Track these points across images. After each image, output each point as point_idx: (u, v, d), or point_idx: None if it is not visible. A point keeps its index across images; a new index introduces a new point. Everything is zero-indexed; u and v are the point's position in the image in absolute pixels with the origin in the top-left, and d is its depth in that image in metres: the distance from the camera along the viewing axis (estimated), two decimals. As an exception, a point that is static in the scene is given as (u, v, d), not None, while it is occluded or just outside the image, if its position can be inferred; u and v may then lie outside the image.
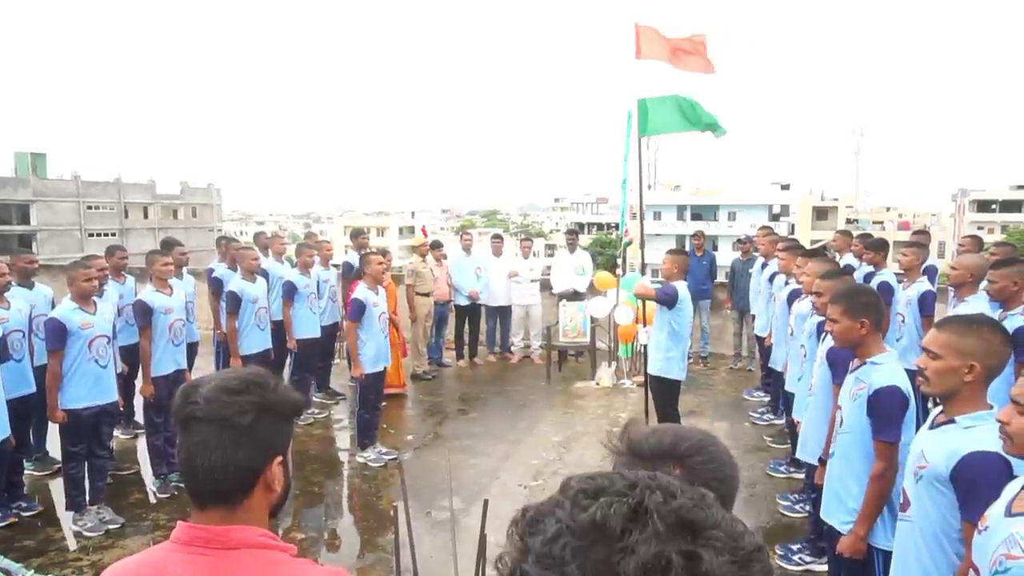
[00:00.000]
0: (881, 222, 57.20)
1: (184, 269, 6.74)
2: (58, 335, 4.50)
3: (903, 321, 5.40)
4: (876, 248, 6.23)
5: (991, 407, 2.17)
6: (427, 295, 8.41)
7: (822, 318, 3.96)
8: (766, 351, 6.69)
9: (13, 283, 5.03)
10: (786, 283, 5.76)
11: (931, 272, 5.95)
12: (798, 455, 4.07)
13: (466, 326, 9.12)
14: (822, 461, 3.52)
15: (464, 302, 8.91)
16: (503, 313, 9.21)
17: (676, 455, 1.07)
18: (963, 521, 2.05)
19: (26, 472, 5.25)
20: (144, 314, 5.15)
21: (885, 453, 2.72)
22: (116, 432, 5.74)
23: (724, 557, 0.55)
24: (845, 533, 2.88)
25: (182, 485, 4.94)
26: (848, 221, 52.33)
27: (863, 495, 2.82)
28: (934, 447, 2.17)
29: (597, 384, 8.04)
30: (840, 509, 2.92)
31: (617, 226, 9.20)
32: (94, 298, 4.73)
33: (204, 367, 6.61)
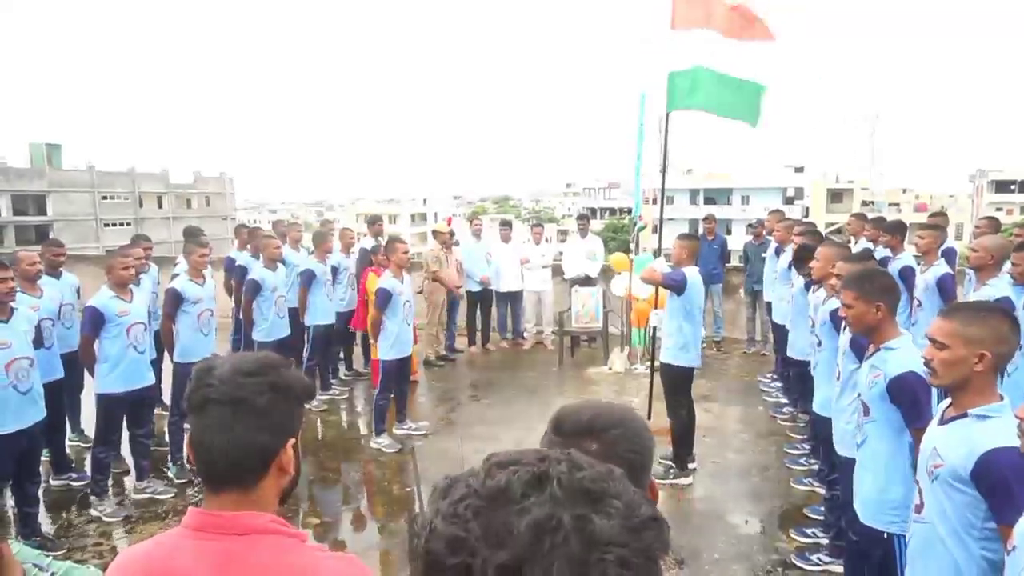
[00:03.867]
0: (897, 204, 56.38)
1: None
2: (95, 323, 4.61)
3: (919, 306, 5.26)
4: (893, 231, 6.09)
5: (1002, 398, 2.09)
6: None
7: (836, 306, 3.88)
8: (781, 338, 6.61)
9: (43, 273, 5.13)
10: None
11: (950, 254, 5.82)
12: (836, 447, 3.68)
13: (478, 312, 9.13)
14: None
15: (475, 288, 8.92)
16: (513, 299, 9.21)
17: (593, 430, 1.12)
18: (1000, 526, 1.92)
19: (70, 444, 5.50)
20: (174, 301, 5.24)
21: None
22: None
23: (616, 521, 0.59)
24: (873, 527, 2.81)
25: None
26: (864, 203, 51.65)
27: (888, 484, 2.77)
28: (948, 444, 2.07)
29: (609, 369, 8.03)
30: (869, 502, 2.86)
31: (630, 211, 9.08)
32: (131, 287, 4.81)
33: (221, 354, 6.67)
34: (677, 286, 5.14)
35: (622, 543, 0.58)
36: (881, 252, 6.15)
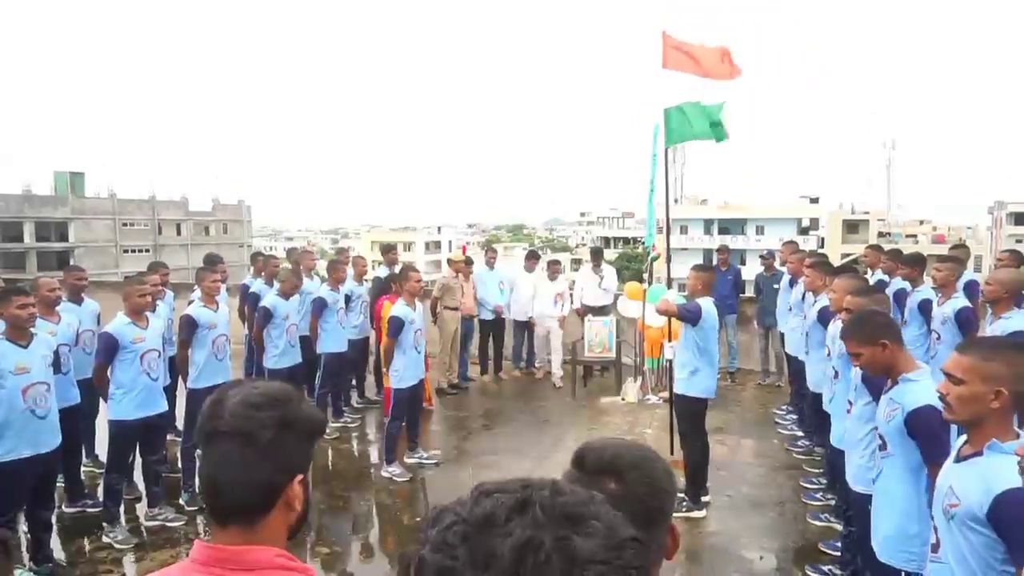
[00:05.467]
0: (915, 236, 56.01)
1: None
2: (109, 349, 4.65)
3: (938, 339, 5.15)
4: (912, 263, 6.02)
5: (1019, 435, 2.05)
6: (455, 309, 8.44)
7: None
8: (796, 370, 6.55)
9: (64, 298, 5.20)
10: (815, 301, 5.62)
11: (973, 287, 5.72)
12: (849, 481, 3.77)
13: (490, 341, 9.12)
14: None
15: (489, 316, 8.92)
16: (530, 328, 9.19)
17: (614, 470, 1.12)
18: (1018, 568, 1.88)
19: (84, 470, 5.51)
20: (189, 328, 5.29)
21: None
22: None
23: (597, 541, 0.61)
24: (891, 564, 2.76)
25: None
26: (880, 235, 51.37)
27: (906, 521, 2.72)
28: (964, 483, 2.04)
29: (623, 399, 7.98)
30: (887, 539, 2.81)
31: (643, 240, 9.08)
32: (146, 313, 4.88)
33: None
34: (692, 317, 5.12)
35: (603, 560, 0.60)
36: (899, 284, 6.11)
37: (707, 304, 5.19)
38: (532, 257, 9.50)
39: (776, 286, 7.80)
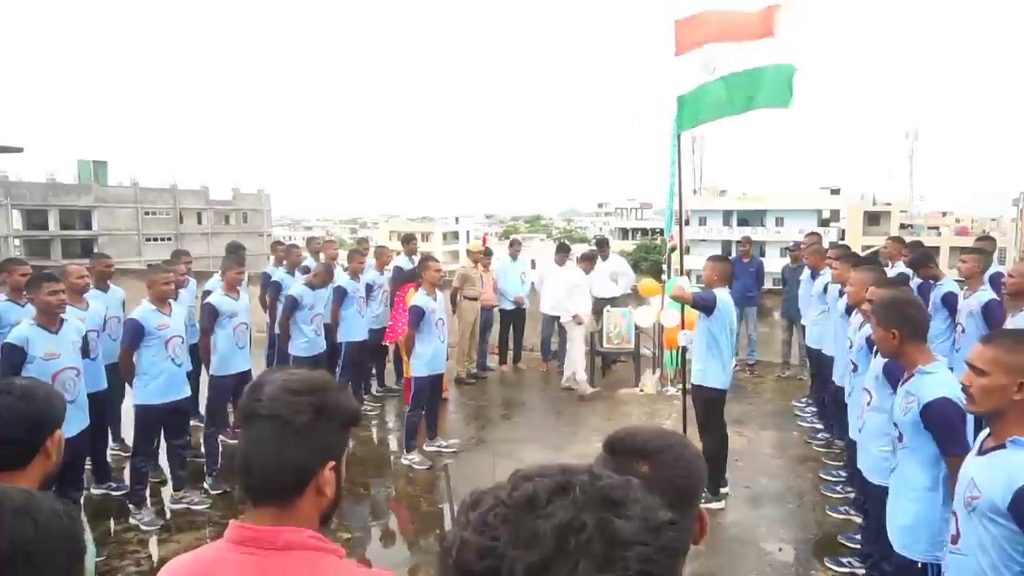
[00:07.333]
0: (937, 228, 55.13)
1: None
2: (135, 335, 4.75)
3: (963, 332, 5.08)
4: (924, 262, 5.91)
5: None
6: (475, 299, 8.46)
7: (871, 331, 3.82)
8: (817, 363, 6.49)
9: (91, 285, 5.31)
10: (841, 293, 5.56)
11: (998, 280, 5.64)
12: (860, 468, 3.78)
13: (510, 331, 9.12)
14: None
15: (509, 307, 8.92)
16: (560, 325, 8.98)
17: (645, 453, 1.14)
18: None
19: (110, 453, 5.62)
20: (210, 316, 5.38)
21: (957, 467, 2.47)
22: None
23: (636, 523, 0.63)
24: (907, 557, 2.76)
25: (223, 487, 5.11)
26: (902, 227, 50.62)
27: (923, 513, 2.72)
28: (986, 476, 2.03)
29: (641, 391, 7.97)
30: (904, 531, 2.81)
31: (661, 231, 9.00)
32: (170, 300, 4.97)
33: (255, 369, 6.79)
34: (707, 306, 5.07)
35: (643, 542, 0.62)
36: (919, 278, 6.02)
37: (723, 294, 5.15)
38: (563, 250, 9.23)
39: (800, 278, 7.72)
